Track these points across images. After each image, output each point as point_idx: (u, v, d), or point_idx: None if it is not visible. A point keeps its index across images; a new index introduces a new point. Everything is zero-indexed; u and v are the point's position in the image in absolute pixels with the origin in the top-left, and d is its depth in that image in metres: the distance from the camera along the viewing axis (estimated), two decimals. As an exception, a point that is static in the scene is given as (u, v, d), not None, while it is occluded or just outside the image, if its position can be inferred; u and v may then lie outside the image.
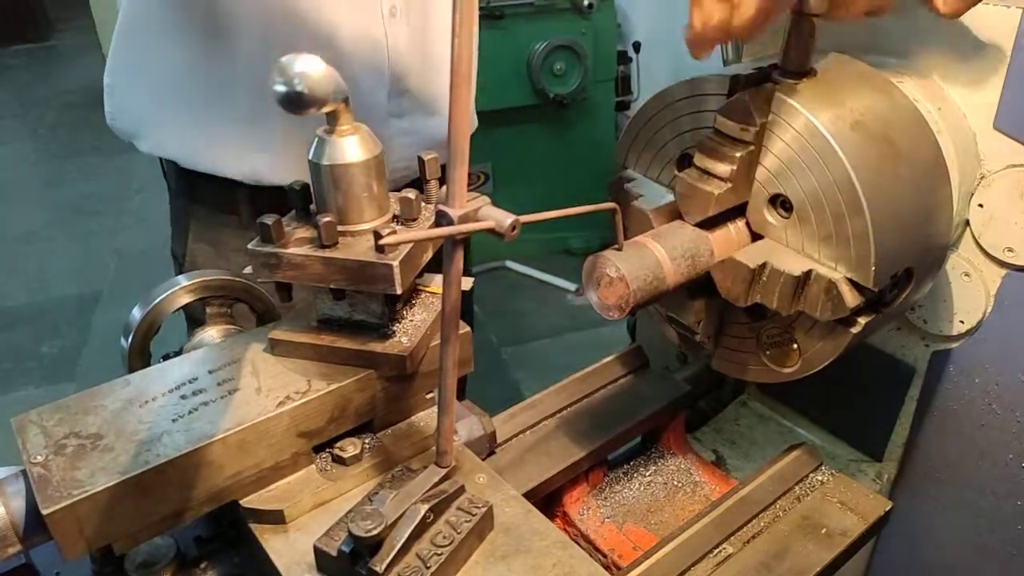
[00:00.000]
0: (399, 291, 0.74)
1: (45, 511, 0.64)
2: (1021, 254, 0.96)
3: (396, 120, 1.32)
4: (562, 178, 3.94)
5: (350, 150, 0.74)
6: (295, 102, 0.68)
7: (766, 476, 1.03)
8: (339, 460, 0.79)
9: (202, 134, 1.29)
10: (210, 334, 0.94)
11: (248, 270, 0.79)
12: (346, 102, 0.73)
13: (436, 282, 0.88)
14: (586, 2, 3.62)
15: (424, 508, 0.69)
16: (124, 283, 4.19)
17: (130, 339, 0.90)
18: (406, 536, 0.66)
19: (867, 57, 0.99)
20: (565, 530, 1.08)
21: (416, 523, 0.67)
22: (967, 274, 1.01)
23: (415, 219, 0.79)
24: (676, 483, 1.16)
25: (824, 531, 0.97)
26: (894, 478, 1.17)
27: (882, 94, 0.87)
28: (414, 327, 0.82)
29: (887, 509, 1.01)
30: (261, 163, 1.28)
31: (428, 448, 0.83)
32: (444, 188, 0.62)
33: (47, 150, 6.09)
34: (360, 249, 0.75)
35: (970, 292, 1.01)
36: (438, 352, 0.74)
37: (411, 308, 0.85)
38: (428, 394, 0.86)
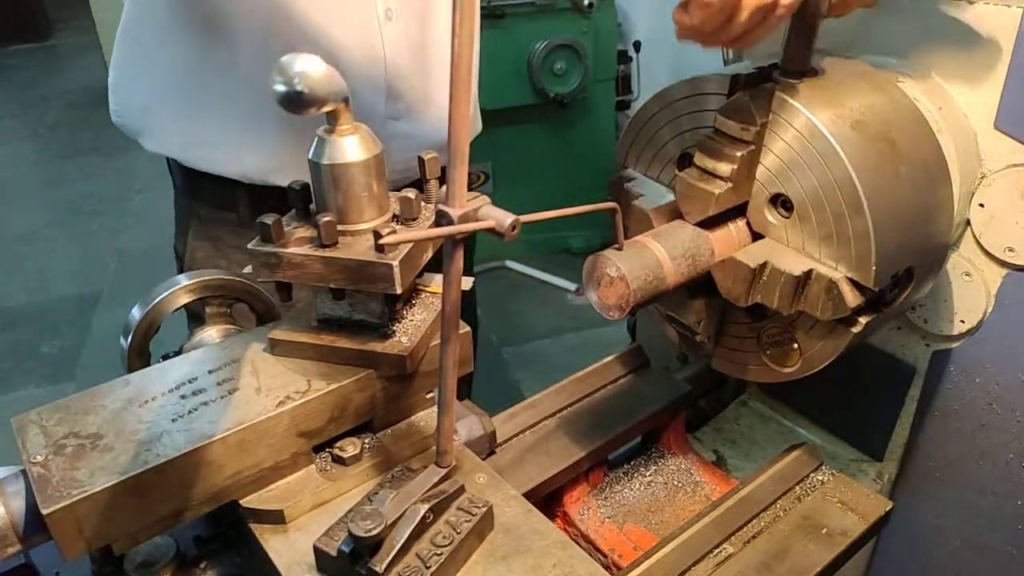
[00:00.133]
0: (399, 291, 0.74)
1: (45, 511, 0.64)
2: (1022, 254, 0.96)
3: (393, 122, 1.32)
4: (562, 178, 3.94)
5: (350, 150, 0.74)
6: (295, 102, 0.68)
7: (767, 476, 1.03)
8: (339, 460, 0.79)
9: (202, 133, 1.30)
10: (210, 334, 0.94)
11: (248, 270, 0.79)
12: (346, 102, 0.73)
13: (436, 282, 0.88)
14: (586, 1, 3.61)
15: (424, 508, 0.69)
16: (124, 283, 4.19)
17: (130, 339, 0.90)
18: (406, 536, 0.66)
19: (868, 57, 0.99)
20: (565, 530, 1.08)
21: (416, 523, 0.67)
22: (968, 274, 1.01)
23: (415, 219, 0.79)
24: (676, 483, 1.16)
25: (824, 531, 0.97)
26: (894, 478, 1.17)
27: (883, 94, 0.87)
28: (414, 327, 0.82)
29: (887, 509, 1.01)
30: (259, 163, 1.29)
31: (428, 448, 0.82)
32: (444, 188, 0.62)
33: (47, 150, 6.09)
34: (360, 249, 0.75)
35: (971, 292, 1.01)
36: (438, 352, 0.73)
37: (411, 308, 0.84)
38: (428, 394, 0.86)
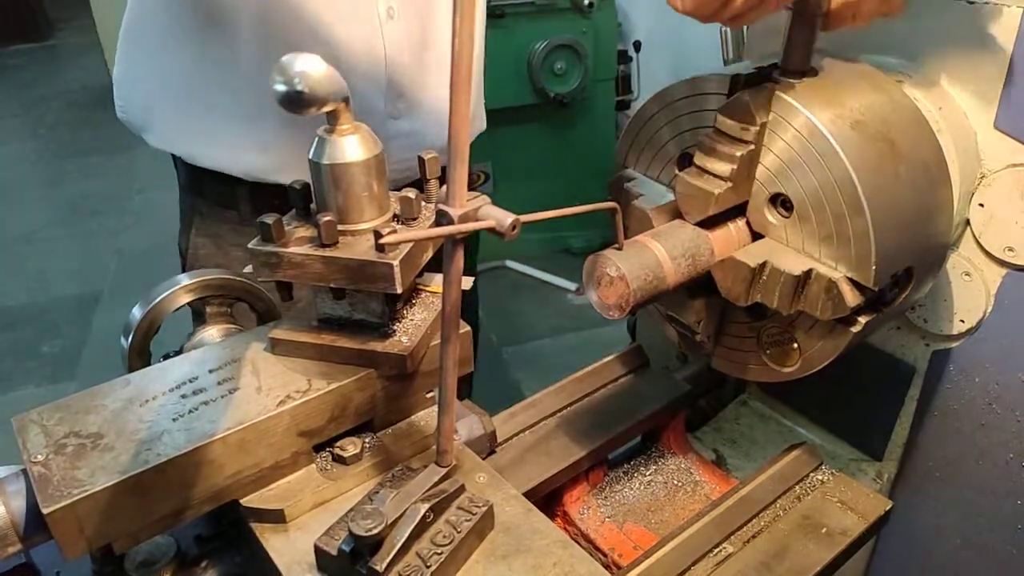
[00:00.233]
0: (399, 290, 0.74)
1: (45, 510, 0.64)
2: (1021, 254, 0.96)
3: (394, 121, 1.32)
4: (562, 177, 3.94)
5: (350, 149, 0.74)
6: (295, 101, 0.68)
7: (766, 475, 1.03)
8: (339, 459, 0.79)
9: (204, 130, 1.30)
10: (210, 333, 0.94)
11: (248, 269, 0.79)
12: (346, 101, 0.73)
13: (436, 281, 0.88)
14: (586, 1, 3.61)
15: (424, 507, 0.69)
16: (124, 283, 4.19)
17: (130, 338, 0.90)
18: (406, 535, 0.66)
19: (868, 57, 0.99)
20: (565, 529, 1.08)
21: (416, 522, 0.67)
22: (967, 273, 1.01)
23: (415, 218, 0.79)
24: (676, 482, 1.16)
25: (824, 530, 0.97)
26: (894, 477, 1.17)
27: (883, 93, 0.87)
28: (414, 326, 0.82)
29: (887, 508, 1.01)
30: (260, 161, 1.29)
31: (428, 447, 0.83)
32: (444, 187, 0.62)
33: (47, 150, 6.08)
34: (360, 248, 0.75)
35: (970, 292, 1.01)
36: (438, 351, 0.74)
37: (411, 307, 0.85)
38: (428, 393, 0.86)
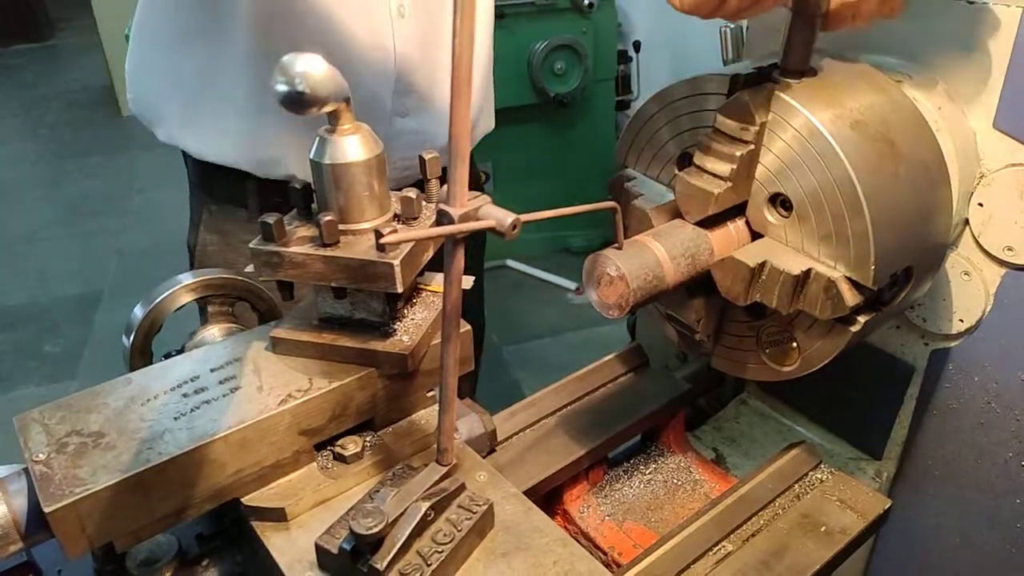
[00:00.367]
0: (400, 290, 0.74)
1: (47, 509, 0.64)
2: (1020, 253, 0.96)
3: (400, 119, 1.33)
4: (562, 177, 3.94)
5: (351, 149, 0.74)
6: (296, 102, 0.68)
7: (766, 474, 1.04)
8: (340, 458, 0.79)
9: (214, 126, 1.30)
10: (212, 333, 0.94)
11: (250, 268, 0.79)
12: (347, 102, 0.73)
13: (437, 281, 0.88)
14: (586, 1, 3.62)
15: (425, 506, 0.69)
16: (125, 282, 4.19)
17: (132, 338, 0.90)
18: (407, 534, 0.66)
19: (867, 56, 0.99)
20: (565, 528, 1.08)
21: (417, 521, 0.67)
22: (967, 273, 1.01)
23: (416, 218, 0.80)
24: (676, 481, 1.17)
25: (823, 529, 0.98)
26: (893, 476, 1.17)
27: (882, 94, 0.87)
28: (415, 326, 0.82)
29: (886, 507, 1.01)
30: (270, 156, 1.29)
31: (429, 446, 0.83)
32: (445, 187, 0.62)
33: (48, 150, 6.09)
34: (361, 248, 0.75)
35: (970, 291, 1.02)
36: (439, 350, 0.74)
37: (412, 307, 0.85)
38: (429, 392, 0.86)
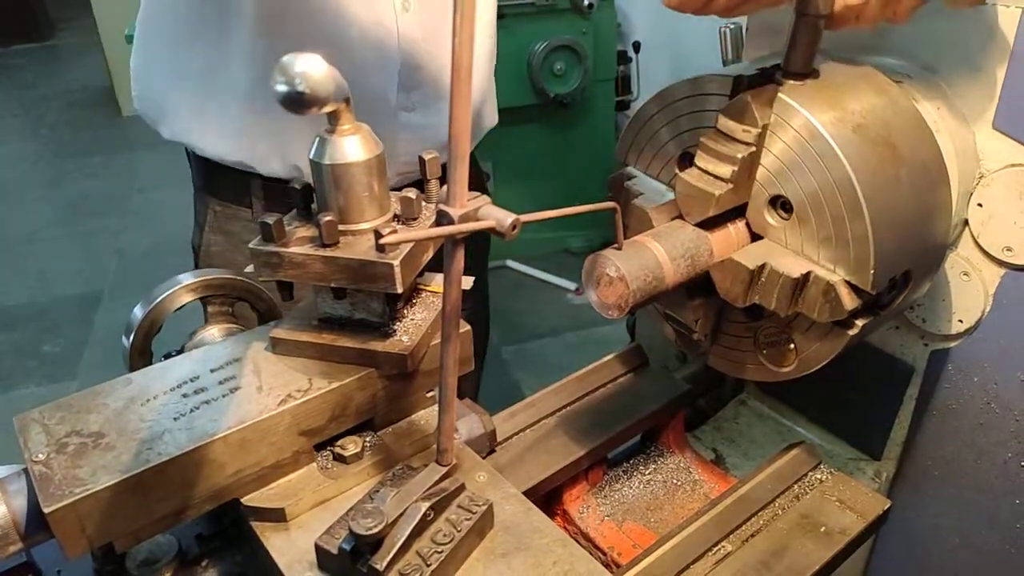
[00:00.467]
0: (400, 290, 0.75)
1: (47, 509, 0.64)
2: (1020, 253, 0.96)
3: (406, 114, 1.33)
4: (562, 177, 3.95)
5: (351, 150, 0.74)
6: (296, 102, 0.68)
7: (765, 474, 1.04)
8: (340, 458, 0.79)
9: (219, 123, 1.30)
10: (211, 333, 0.94)
11: (250, 269, 0.79)
12: (347, 102, 0.73)
13: (437, 281, 0.88)
14: (586, 2, 3.62)
15: (425, 506, 0.69)
16: (125, 282, 4.20)
17: (132, 338, 0.90)
18: (407, 534, 0.66)
19: (867, 56, 0.99)
20: (565, 528, 1.08)
21: (417, 521, 0.68)
22: (966, 273, 1.01)
23: (416, 218, 0.80)
24: (675, 481, 1.17)
25: (823, 529, 0.98)
26: (893, 477, 1.17)
27: (884, 96, 0.87)
28: (415, 326, 0.82)
29: (886, 508, 1.01)
30: (273, 152, 1.29)
31: (429, 446, 0.83)
32: (445, 187, 0.62)
33: (48, 150, 6.09)
34: (361, 248, 0.75)
35: (969, 291, 1.02)
36: (439, 351, 0.74)
37: (412, 307, 0.85)
38: (429, 393, 0.86)
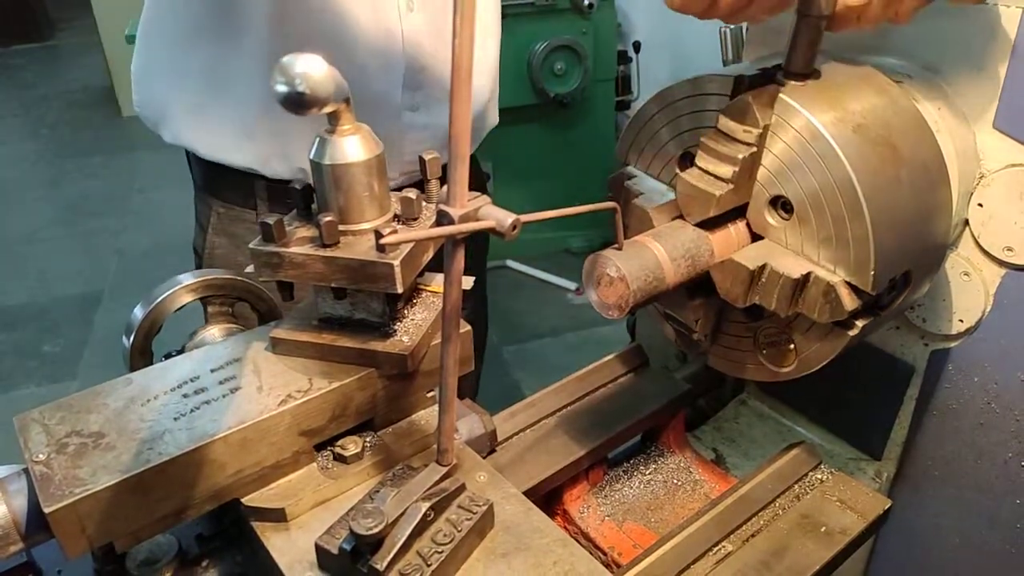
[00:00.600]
0: (400, 290, 0.75)
1: (47, 509, 0.64)
2: (1020, 253, 0.96)
3: (411, 114, 1.33)
4: (562, 177, 3.95)
5: (351, 150, 0.75)
6: (296, 102, 0.68)
7: (765, 474, 1.04)
8: (340, 458, 0.79)
9: (221, 125, 1.30)
10: (212, 333, 0.94)
11: (250, 269, 0.79)
12: (347, 102, 0.73)
13: (437, 281, 0.88)
14: (586, 2, 3.62)
15: (425, 506, 0.69)
16: (125, 282, 4.20)
17: (132, 338, 0.90)
18: (407, 534, 0.66)
19: (867, 56, 0.99)
20: (565, 528, 1.08)
21: (417, 521, 0.68)
22: (966, 273, 1.01)
23: (416, 218, 0.80)
24: (676, 481, 1.17)
25: (823, 529, 0.98)
26: (893, 477, 1.17)
27: (884, 96, 0.87)
28: (415, 326, 0.82)
29: (886, 507, 1.01)
30: (277, 155, 1.29)
31: (429, 446, 0.83)
32: (445, 187, 0.62)
33: (48, 150, 6.09)
34: (361, 248, 0.75)
35: (969, 291, 1.02)
36: (439, 351, 0.74)
37: (412, 307, 0.85)
38: (429, 393, 0.86)
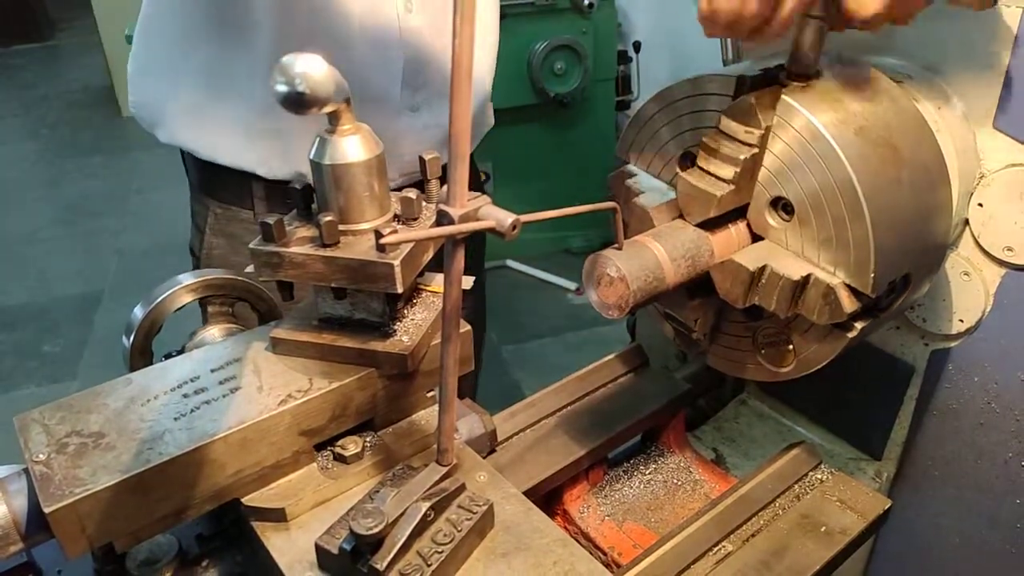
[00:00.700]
0: (400, 290, 0.75)
1: (47, 509, 0.64)
2: (1020, 253, 0.96)
3: (411, 113, 1.33)
4: (562, 177, 3.95)
5: (351, 150, 0.74)
6: (296, 102, 0.68)
7: (765, 474, 1.04)
8: (340, 458, 0.79)
9: (220, 125, 1.30)
10: (212, 333, 0.94)
11: (250, 269, 0.79)
12: (347, 102, 0.73)
13: (437, 281, 0.88)
14: (586, 1, 3.62)
15: (425, 506, 0.69)
16: (125, 282, 4.20)
17: (132, 338, 0.90)
18: (407, 534, 0.66)
19: (868, 56, 0.99)
20: (565, 528, 1.08)
21: (417, 521, 0.68)
22: (966, 273, 1.01)
23: (416, 218, 0.80)
24: (676, 481, 1.17)
25: (823, 529, 0.98)
26: (893, 476, 1.17)
27: (886, 97, 0.87)
28: (415, 326, 0.82)
29: (886, 507, 1.01)
30: (276, 155, 1.29)
31: (429, 446, 0.83)
32: (445, 187, 0.62)
33: (48, 150, 6.10)
34: (361, 248, 0.75)
35: (969, 291, 1.02)
36: (439, 351, 0.74)
37: (412, 307, 0.85)
38: (429, 392, 0.86)
